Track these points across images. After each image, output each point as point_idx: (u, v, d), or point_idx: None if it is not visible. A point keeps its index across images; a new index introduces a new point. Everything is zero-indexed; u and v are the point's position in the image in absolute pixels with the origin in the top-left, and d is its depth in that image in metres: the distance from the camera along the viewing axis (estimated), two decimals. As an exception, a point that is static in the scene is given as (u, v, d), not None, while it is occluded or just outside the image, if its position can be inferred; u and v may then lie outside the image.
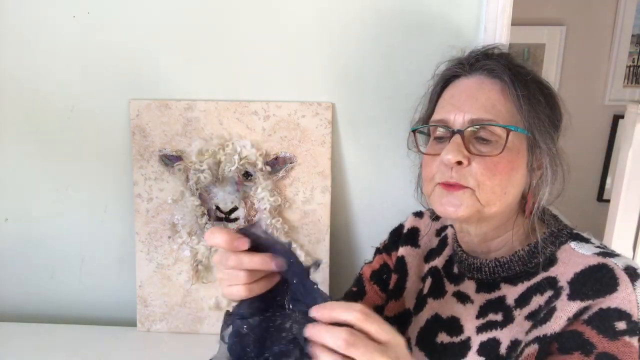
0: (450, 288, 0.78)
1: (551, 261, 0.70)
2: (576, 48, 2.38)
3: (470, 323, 0.73)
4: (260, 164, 1.04)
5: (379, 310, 0.88)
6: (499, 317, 0.70)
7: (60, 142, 1.08)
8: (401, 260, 0.88)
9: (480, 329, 0.71)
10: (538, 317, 0.66)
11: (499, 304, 0.71)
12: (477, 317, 0.72)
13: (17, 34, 1.02)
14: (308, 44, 1.00)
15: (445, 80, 0.77)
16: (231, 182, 1.05)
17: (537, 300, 0.67)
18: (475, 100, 0.70)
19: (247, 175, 1.05)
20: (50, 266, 1.16)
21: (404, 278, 0.86)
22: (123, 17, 1.01)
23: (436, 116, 0.75)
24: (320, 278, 1.08)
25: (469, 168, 0.68)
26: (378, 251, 0.94)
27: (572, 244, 0.70)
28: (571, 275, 0.66)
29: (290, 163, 1.05)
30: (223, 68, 1.03)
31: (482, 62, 0.73)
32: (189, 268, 1.09)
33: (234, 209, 1.06)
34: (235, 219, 1.06)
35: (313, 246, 1.07)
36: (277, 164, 1.05)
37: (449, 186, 0.69)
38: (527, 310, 0.68)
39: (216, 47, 1.01)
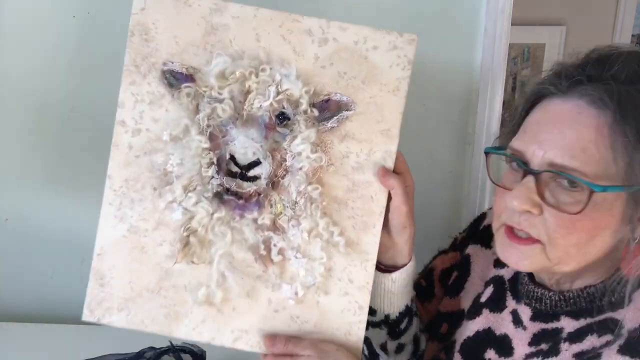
0: (511, 304, 0.73)
1: (623, 301, 0.61)
2: (576, 48, 2.38)
3: (521, 348, 0.68)
4: (304, 105, 0.73)
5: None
6: (545, 346, 0.65)
7: (60, 142, 1.11)
8: (466, 259, 0.83)
9: (529, 356, 0.66)
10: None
11: (554, 335, 0.65)
12: (530, 344, 0.67)
13: (17, 34, 1.04)
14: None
15: (536, 98, 0.65)
16: (259, 124, 0.74)
17: (592, 342, 0.61)
18: (562, 137, 0.58)
19: (282, 117, 0.74)
20: (50, 266, 1.19)
21: (464, 277, 0.82)
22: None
23: (515, 143, 0.64)
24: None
25: (542, 218, 0.59)
26: (453, 245, 0.88)
27: None
28: (636, 324, 0.59)
29: (347, 110, 0.74)
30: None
31: (584, 86, 0.60)
32: (175, 238, 0.75)
33: (255, 163, 0.74)
34: (255, 178, 0.74)
35: (358, 234, 0.75)
36: (327, 109, 0.74)
37: (515, 237, 0.62)
38: (577, 347, 0.62)
39: None
